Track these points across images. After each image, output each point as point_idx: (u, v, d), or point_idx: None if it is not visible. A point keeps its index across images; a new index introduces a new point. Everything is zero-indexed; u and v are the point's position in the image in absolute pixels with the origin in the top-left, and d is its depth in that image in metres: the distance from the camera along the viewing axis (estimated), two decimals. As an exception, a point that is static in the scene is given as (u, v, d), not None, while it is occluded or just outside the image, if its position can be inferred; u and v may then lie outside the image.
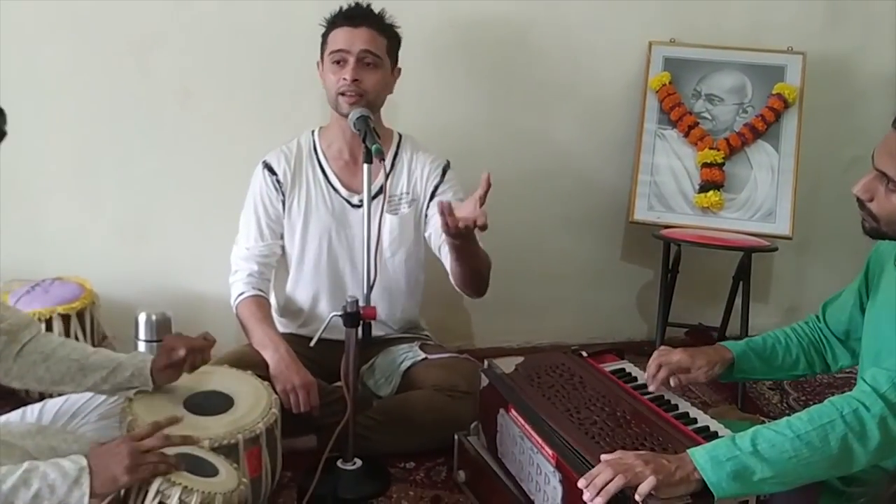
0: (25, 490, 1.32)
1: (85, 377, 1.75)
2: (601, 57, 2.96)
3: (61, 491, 1.34)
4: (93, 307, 2.52)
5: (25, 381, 1.73)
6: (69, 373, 1.74)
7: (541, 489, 1.72)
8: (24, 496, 1.31)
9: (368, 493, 2.12)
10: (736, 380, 1.94)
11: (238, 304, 2.32)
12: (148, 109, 2.66)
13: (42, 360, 1.72)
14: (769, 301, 3.34)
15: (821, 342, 1.87)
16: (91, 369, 1.76)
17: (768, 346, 1.87)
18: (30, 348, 1.72)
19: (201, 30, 2.62)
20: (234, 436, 1.74)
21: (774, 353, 1.86)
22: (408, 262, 2.44)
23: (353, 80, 2.22)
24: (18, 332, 1.70)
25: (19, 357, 1.70)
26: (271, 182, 2.36)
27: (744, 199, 2.85)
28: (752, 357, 1.86)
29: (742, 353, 1.85)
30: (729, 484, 1.40)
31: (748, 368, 1.86)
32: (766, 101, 2.88)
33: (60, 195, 2.68)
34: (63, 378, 1.74)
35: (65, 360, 1.74)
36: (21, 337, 1.71)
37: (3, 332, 1.67)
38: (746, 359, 1.85)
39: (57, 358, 1.73)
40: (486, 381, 1.98)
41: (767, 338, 1.89)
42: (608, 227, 3.14)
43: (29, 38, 2.52)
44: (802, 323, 1.91)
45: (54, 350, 1.74)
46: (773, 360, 1.87)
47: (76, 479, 1.35)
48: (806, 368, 1.87)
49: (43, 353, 1.72)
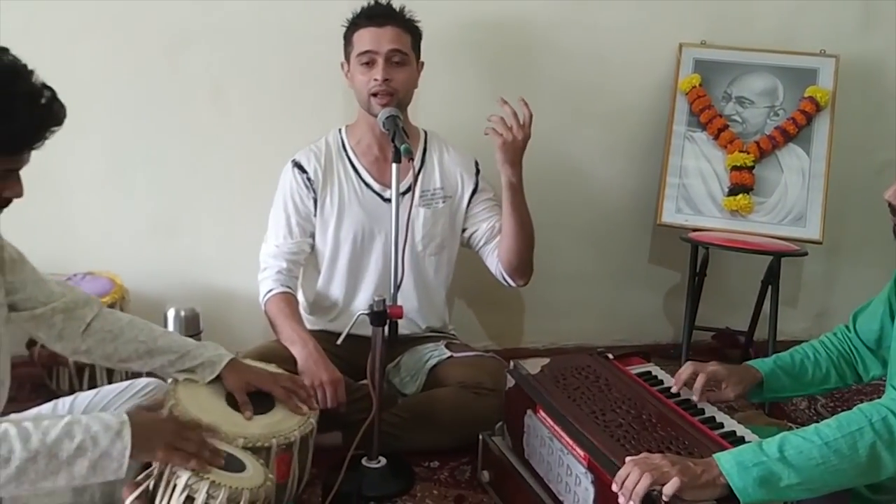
0: (69, 441, 1.34)
1: (152, 359, 1.79)
2: (630, 58, 2.95)
3: (104, 442, 1.36)
4: (123, 302, 2.55)
5: (94, 357, 1.77)
6: (137, 353, 1.78)
7: (571, 490, 1.72)
8: (67, 447, 1.34)
9: (393, 491, 2.13)
10: (767, 399, 1.91)
11: (266, 301, 2.34)
12: (179, 107, 2.69)
13: (111, 339, 1.75)
14: (798, 306, 3.31)
15: (851, 353, 1.84)
16: (159, 353, 1.80)
17: (797, 363, 1.84)
18: (96, 326, 1.74)
19: (232, 29, 2.65)
20: (268, 439, 1.75)
21: (804, 369, 1.84)
22: (439, 256, 2.46)
23: (385, 80, 2.23)
24: (76, 309, 1.72)
25: (87, 335, 1.73)
26: (302, 180, 2.37)
27: (773, 203, 2.83)
28: (781, 375, 1.83)
29: (770, 372, 1.83)
30: (755, 489, 1.39)
31: (778, 387, 1.83)
32: (797, 103, 2.86)
33: (93, 191, 2.72)
34: (130, 357, 1.78)
35: (133, 342, 1.77)
36: (82, 315, 1.73)
37: (59, 310, 1.69)
38: (775, 377, 1.83)
39: (125, 339, 1.77)
40: (512, 381, 1.98)
41: (795, 353, 1.86)
42: (635, 229, 3.13)
43: (64, 37, 2.56)
44: (830, 334, 1.88)
45: (122, 330, 1.77)
46: (803, 376, 1.84)
47: (118, 432, 1.38)
48: (837, 381, 1.84)
49: (111, 331, 1.76)
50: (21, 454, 1.31)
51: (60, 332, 1.71)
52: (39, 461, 1.32)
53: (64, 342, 1.73)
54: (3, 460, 1.30)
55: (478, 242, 2.48)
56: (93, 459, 1.35)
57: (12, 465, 1.30)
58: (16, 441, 1.32)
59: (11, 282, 1.61)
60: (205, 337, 2.61)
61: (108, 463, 1.36)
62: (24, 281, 1.63)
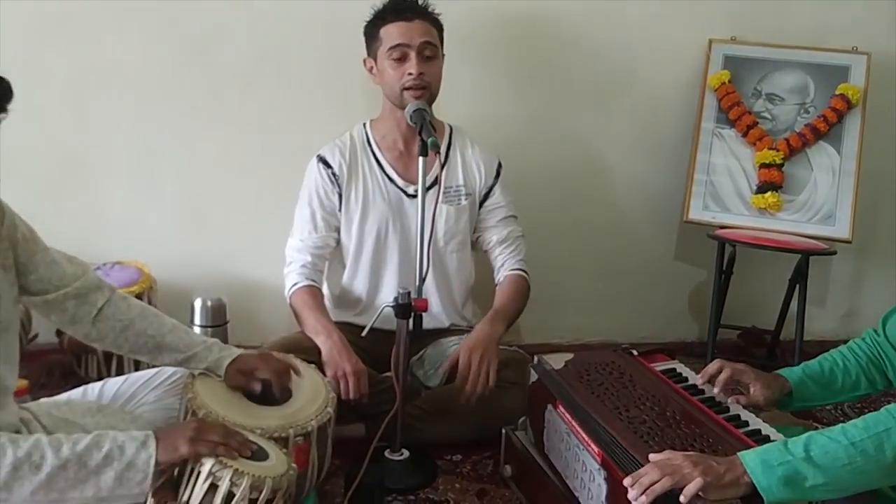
0: (97, 451, 1.37)
1: (160, 354, 1.80)
2: (659, 54, 2.93)
3: (130, 451, 1.38)
4: (150, 291, 2.58)
5: (105, 345, 1.78)
6: (146, 347, 1.79)
7: (585, 486, 1.72)
8: (96, 456, 1.36)
9: (415, 483, 2.14)
10: (796, 409, 1.85)
11: (292, 294, 2.35)
12: (209, 100, 2.72)
13: (121, 329, 1.75)
14: (826, 306, 3.27)
15: (880, 357, 1.81)
16: (166, 349, 1.80)
17: (826, 370, 1.81)
18: (107, 313, 1.74)
19: (261, 24, 2.67)
20: (285, 430, 1.75)
21: (833, 377, 1.81)
22: (461, 252, 2.47)
23: (419, 74, 2.24)
24: (88, 294, 1.72)
25: (98, 321, 1.73)
26: (327, 175, 2.38)
27: (803, 201, 2.80)
28: (810, 384, 1.80)
29: (799, 381, 1.80)
30: (780, 489, 1.38)
31: (808, 396, 1.80)
32: (828, 101, 2.83)
33: (122, 181, 2.75)
34: (140, 350, 1.79)
35: (142, 335, 1.77)
36: (94, 300, 1.72)
37: (71, 296, 1.69)
38: (804, 386, 1.80)
39: (135, 331, 1.77)
40: (535, 376, 1.98)
41: (824, 361, 1.83)
42: (662, 226, 3.11)
43: (97, 31, 2.60)
44: (859, 340, 1.85)
45: (132, 321, 1.77)
46: (833, 384, 1.81)
47: (143, 442, 1.40)
48: (867, 387, 1.81)
49: (122, 321, 1.75)
50: (52, 461, 1.33)
51: (72, 316, 1.71)
52: (69, 469, 1.34)
53: (76, 326, 1.73)
54: (35, 467, 1.32)
55: (483, 247, 2.51)
56: (119, 470, 1.37)
57: (43, 471, 1.33)
58: (48, 449, 1.34)
59: (24, 263, 1.59)
60: (231, 328, 2.64)
61: (133, 474, 1.38)
62: (36, 262, 1.61)
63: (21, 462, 1.32)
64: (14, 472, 1.31)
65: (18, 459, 1.31)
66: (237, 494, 1.42)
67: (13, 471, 1.31)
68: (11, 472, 1.31)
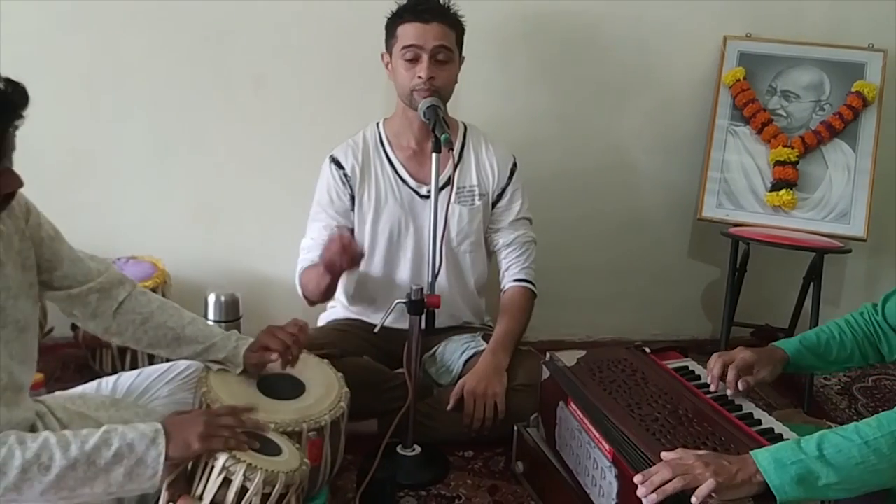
0: (106, 449, 1.37)
1: (179, 347, 1.82)
2: (673, 51, 2.92)
3: (139, 449, 1.39)
4: (164, 286, 2.59)
5: (125, 339, 1.80)
6: (165, 339, 1.81)
7: (597, 483, 1.72)
8: (105, 455, 1.37)
9: (427, 479, 2.14)
10: (791, 373, 1.95)
11: (300, 277, 2.34)
12: (222, 96, 2.72)
13: (141, 322, 1.78)
14: (840, 304, 3.25)
15: (875, 334, 1.86)
16: (185, 342, 1.82)
17: (822, 343, 1.87)
18: (128, 307, 1.77)
19: (274, 19, 2.67)
20: (299, 424, 1.76)
21: (829, 349, 1.87)
22: (474, 253, 2.46)
23: (429, 78, 2.23)
24: (111, 289, 1.75)
25: (118, 315, 1.76)
26: (339, 177, 2.38)
27: (817, 199, 2.79)
28: (807, 354, 1.87)
29: (796, 352, 1.86)
30: (792, 488, 1.38)
31: (803, 365, 1.88)
32: (844, 98, 2.81)
33: (136, 177, 2.76)
34: (159, 343, 1.81)
35: (161, 328, 1.80)
36: (116, 294, 1.76)
37: (94, 290, 1.72)
38: (801, 356, 1.86)
39: (155, 323, 1.79)
40: (547, 373, 1.98)
41: (821, 333, 1.88)
42: (675, 223, 3.10)
43: (110, 27, 2.60)
44: (856, 314, 1.90)
45: (152, 314, 1.79)
46: (828, 355, 1.87)
47: (153, 440, 1.41)
48: (860, 360, 1.88)
49: (142, 314, 1.78)
50: (61, 462, 1.34)
51: (94, 310, 1.73)
52: (78, 469, 1.35)
53: (97, 321, 1.76)
54: (44, 468, 1.33)
55: (491, 248, 2.50)
56: (128, 467, 1.38)
57: (52, 472, 1.33)
58: (56, 449, 1.35)
59: (49, 260, 1.63)
60: (244, 323, 2.65)
61: (143, 470, 1.39)
62: (60, 259, 1.65)
63: (30, 464, 1.32)
64: (23, 475, 1.32)
65: (27, 461, 1.32)
66: (250, 489, 1.43)
67: (22, 473, 1.31)
68: (20, 475, 1.31)
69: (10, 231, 1.54)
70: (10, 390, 1.49)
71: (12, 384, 1.50)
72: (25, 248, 1.57)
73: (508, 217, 2.46)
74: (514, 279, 2.44)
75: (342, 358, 2.20)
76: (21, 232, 1.56)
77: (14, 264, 1.54)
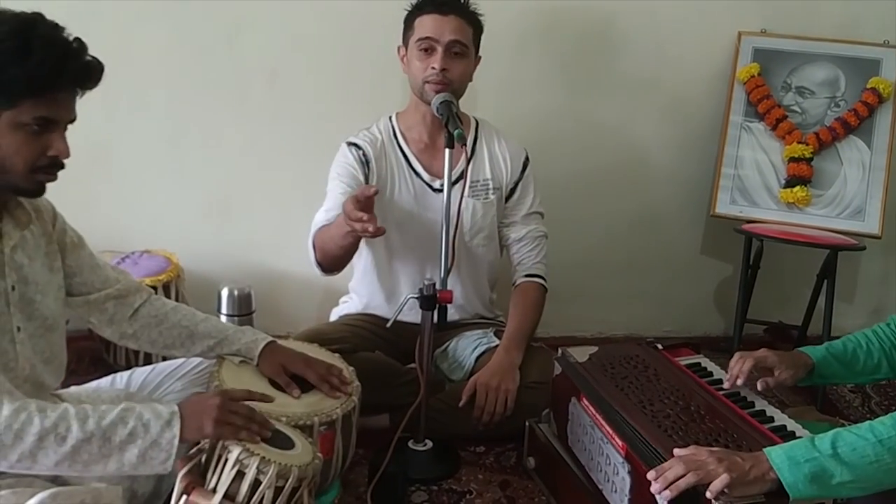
0: (122, 427, 1.38)
1: (193, 344, 1.84)
2: (688, 47, 2.91)
3: (154, 430, 1.40)
4: (178, 280, 2.60)
5: (140, 343, 1.82)
6: (179, 338, 1.83)
7: (609, 479, 1.72)
8: (121, 432, 1.38)
9: (438, 474, 2.15)
10: (815, 384, 1.91)
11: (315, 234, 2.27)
12: (236, 90, 2.73)
13: (156, 324, 1.81)
14: (854, 302, 3.24)
15: None
16: (199, 337, 1.84)
17: (849, 351, 1.83)
18: (143, 312, 1.80)
19: (289, 13, 2.67)
20: (310, 417, 1.77)
21: (856, 358, 1.82)
22: (486, 247, 2.46)
23: (442, 70, 2.22)
24: (127, 296, 1.79)
25: (134, 320, 1.79)
26: (356, 155, 2.35)
27: (832, 196, 2.78)
28: (833, 362, 1.82)
29: (822, 359, 1.81)
30: (806, 486, 1.38)
31: (828, 373, 1.82)
32: (859, 95, 2.80)
33: (151, 171, 2.77)
34: (174, 343, 1.83)
35: (176, 327, 1.82)
36: (132, 301, 1.79)
37: (112, 297, 1.75)
38: (827, 364, 1.81)
39: (169, 323, 1.82)
40: (559, 369, 1.98)
41: (848, 342, 1.84)
42: (689, 219, 3.10)
43: (126, 18, 2.61)
44: (884, 325, 1.86)
45: (166, 315, 1.82)
46: (854, 364, 1.82)
47: (168, 422, 1.42)
48: (888, 372, 1.82)
49: (156, 317, 1.81)
50: (77, 434, 1.35)
51: (111, 317, 1.77)
52: (94, 443, 1.36)
53: (113, 327, 1.79)
54: (61, 438, 1.34)
55: (502, 242, 2.50)
56: (143, 448, 1.39)
57: (68, 443, 1.34)
58: (74, 420, 1.36)
59: (70, 265, 1.67)
60: (257, 317, 2.66)
61: (156, 453, 1.40)
62: (81, 266, 1.69)
63: (47, 432, 1.33)
64: (39, 443, 1.33)
65: (45, 430, 1.33)
66: (263, 482, 1.44)
67: (38, 441, 1.33)
68: (37, 442, 1.32)
69: (39, 233, 1.58)
70: (30, 384, 1.51)
71: (33, 378, 1.52)
72: (52, 251, 1.61)
73: (521, 211, 2.46)
74: (526, 274, 2.44)
75: (354, 353, 2.21)
76: (49, 235, 1.61)
77: (42, 264, 1.57)
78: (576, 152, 2.93)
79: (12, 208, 1.51)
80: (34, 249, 1.55)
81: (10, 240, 1.50)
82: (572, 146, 2.92)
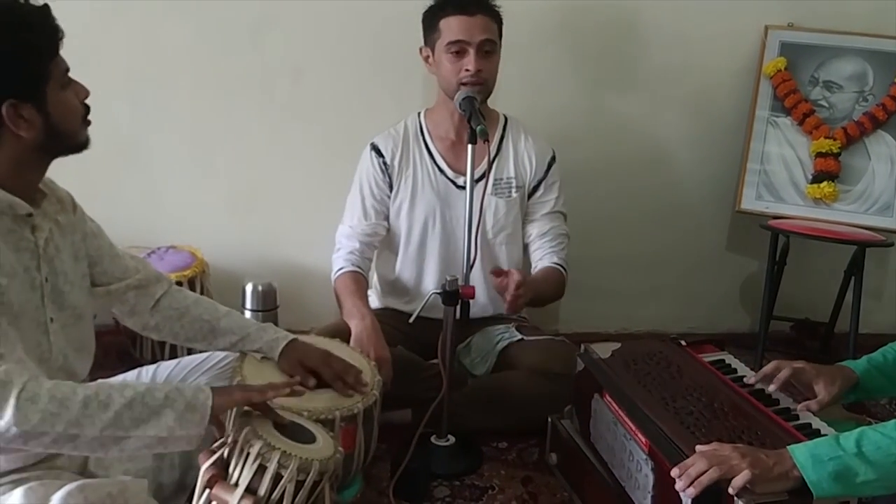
0: (158, 392, 1.41)
1: (215, 339, 1.86)
2: (714, 41, 2.88)
3: (188, 394, 1.43)
4: (203, 275, 2.63)
5: (163, 334, 1.84)
6: (201, 332, 1.85)
7: (632, 476, 1.71)
8: (158, 396, 1.40)
9: (460, 469, 2.15)
10: (861, 400, 1.83)
11: (336, 279, 2.37)
12: (261, 87, 2.75)
13: (178, 317, 1.82)
14: (882, 298, 3.20)
15: None
16: (221, 333, 1.86)
17: (890, 361, 1.76)
18: (165, 303, 1.82)
19: (313, 10, 2.69)
20: (331, 412, 1.78)
21: None
22: (509, 244, 2.46)
23: (477, 71, 2.22)
24: (148, 286, 1.80)
25: (156, 311, 1.81)
26: (378, 164, 2.39)
27: (860, 191, 2.74)
28: (877, 375, 1.76)
29: (865, 372, 1.75)
30: (829, 484, 1.37)
31: (872, 387, 1.76)
32: (888, 89, 2.76)
33: (176, 167, 2.80)
34: (196, 336, 1.85)
35: (198, 321, 1.84)
36: (153, 291, 1.81)
37: (132, 286, 1.77)
38: (870, 377, 1.75)
39: (191, 317, 1.83)
40: (581, 365, 1.98)
41: (888, 352, 1.78)
42: (713, 215, 3.07)
43: (151, 18, 2.64)
44: None
45: (188, 308, 1.84)
46: None
47: (198, 388, 1.45)
48: None
49: (178, 309, 1.83)
50: (119, 399, 1.37)
51: (133, 307, 1.79)
52: (135, 407, 1.38)
53: (135, 318, 1.81)
54: (103, 405, 1.36)
55: (524, 239, 2.49)
56: (179, 410, 1.40)
57: (111, 409, 1.36)
58: (112, 390, 1.39)
59: (92, 255, 1.68)
60: (280, 312, 2.68)
61: (192, 415, 1.41)
62: (101, 255, 1.71)
63: (90, 399, 1.35)
64: (84, 409, 1.34)
65: (87, 397, 1.35)
66: (285, 476, 1.44)
67: (83, 407, 1.34)
68: (82, 409, 1.34)
69: (65, 223, 1.60)
70: (64, 373, 1.53)
71: (66, 368, 1.54)
72: (77, 240, 1.63)
73: (543, 209, 2.45)
74: (549, 263, 2.41)
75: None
76: (73, 225, 1.63)
77: (69, 254, 1.59)
78: (599, 147, 2.92)
79: (39, 200, 1.54)
80: (61, 240, 1.57)
81: (43, 232, 1.52)
82: (596, 141, 2.91)
